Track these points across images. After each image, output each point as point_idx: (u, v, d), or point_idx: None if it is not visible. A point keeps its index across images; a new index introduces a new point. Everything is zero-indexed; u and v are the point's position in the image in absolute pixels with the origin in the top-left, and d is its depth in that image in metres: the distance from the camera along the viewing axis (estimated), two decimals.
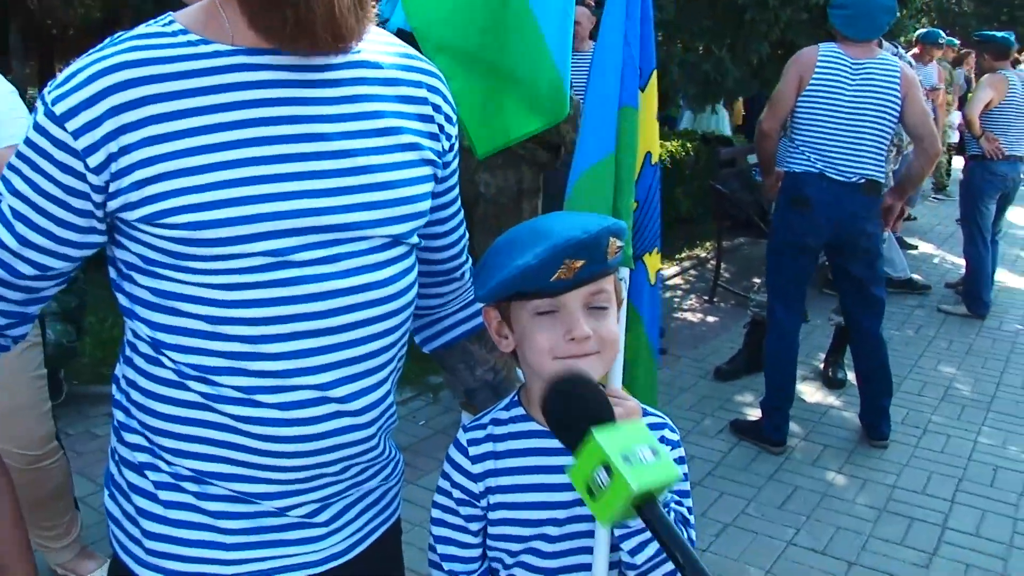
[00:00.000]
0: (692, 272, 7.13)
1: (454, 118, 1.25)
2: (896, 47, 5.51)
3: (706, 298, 6.33)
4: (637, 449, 0.96)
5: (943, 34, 7.41)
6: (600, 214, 1.28)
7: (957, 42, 10.16)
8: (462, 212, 1.38)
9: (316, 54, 1.05)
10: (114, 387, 1.19)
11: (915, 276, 6.83)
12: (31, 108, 2.40)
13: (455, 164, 1.28)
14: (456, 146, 1.27)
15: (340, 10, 1.00)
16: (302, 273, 1.06)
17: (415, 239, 1.19)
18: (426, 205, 1.18)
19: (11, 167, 1.05)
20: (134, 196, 1.01)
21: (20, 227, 1.05)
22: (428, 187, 1.19)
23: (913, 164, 3.97)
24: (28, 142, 1.03)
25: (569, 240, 1.13)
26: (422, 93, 1.19)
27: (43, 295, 1.14)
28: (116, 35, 1.07)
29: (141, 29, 1.06)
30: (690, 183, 8.09)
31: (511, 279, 1.16)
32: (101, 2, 12.01)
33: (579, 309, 1.18)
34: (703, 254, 7.62)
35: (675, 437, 1.33)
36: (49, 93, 1.02)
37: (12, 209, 1.05)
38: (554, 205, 3.85)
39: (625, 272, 1.73)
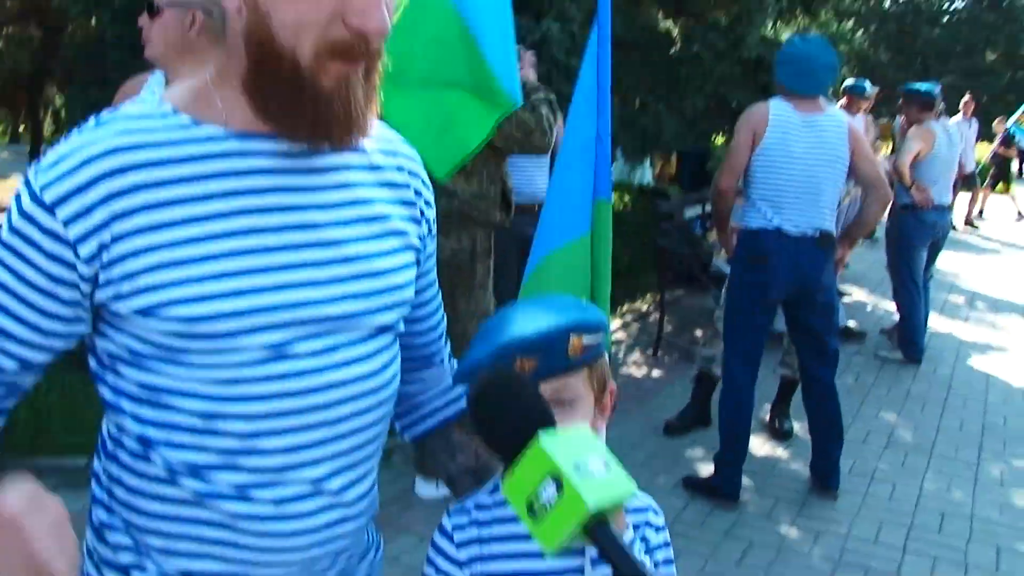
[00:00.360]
0: (634, 326, 7.17)
1: (432, 200, 1.25)
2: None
3: (650, 352, 6.36)
4: (589, 459, 0.84)
5: (869, 85, 7.65)
6: (571, 302, 1.25)
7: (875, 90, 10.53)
8: (440, 295, 1.37)
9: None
10: (93, 483, 1.14)
11: (851, 324, 6.97)
12: None
13: (432, 246, 1.27)
14: (434, 229, 1.26)
15: (357, 109, 1.00)
16: (300, 366, 1.04)
17: (401, 326, 1.18)
18: (412, 292, 1.18)
19: None
20: (125, 287, 0.98)
21: (2, 319, 1.00)
22: (413, 273, 1.19)
23: (866, 211, 4.04)
24: (12, 229, 0.97)
25: (517, 339, 1.11)
26: (404, 178, 1.19)
27: (22, 388, 1.08)
28: (102, 114, 1.04)
29: (131, 108, 1.04)
30: (628, 236, 8.18)
31: (467, 373, 1.15)
32: (29, 56, 11.82)
33: None
34: (644, 307, 7.68)
35: (660, 521, 1.28)
36: (36, 178, 0.97)
37: None
38: (505, 263, 3.85)
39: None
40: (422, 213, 1.21)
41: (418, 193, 1.21)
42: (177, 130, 1.01)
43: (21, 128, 24.85)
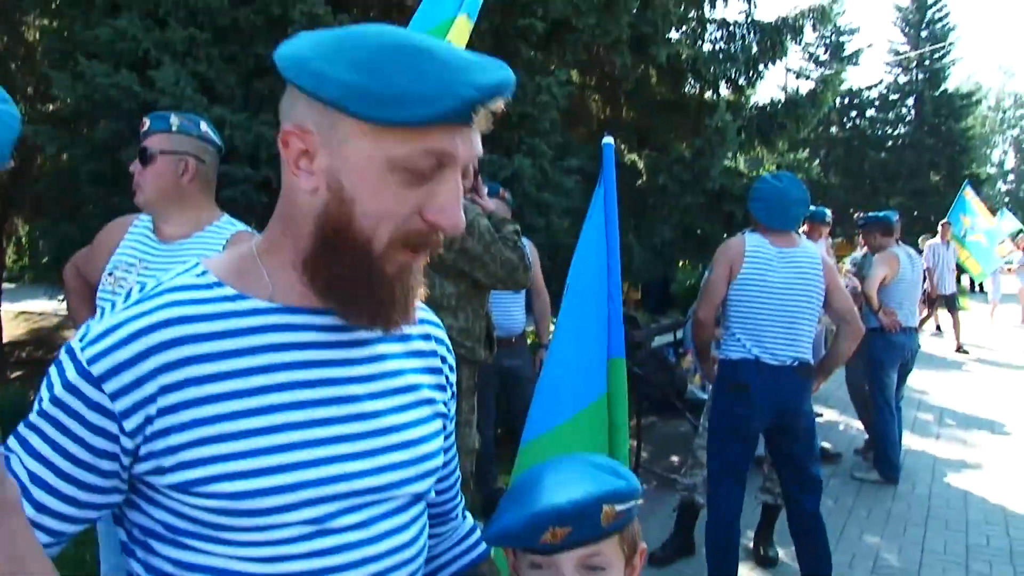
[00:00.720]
0: None
1: (455, 366, 1.27)
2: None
3: None
4: None
5: (828, 212, 7.91)
6: (603, 466, 1.25)
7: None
8: (456, 453, 1.37)
9: None
10: None
11: (825, 444, 6.99)
12: None
13: (453, 411, 1.29)
14: (455, 391, 1.28)
15: (411, 295, 1.03)
16: (340, 541, 1.03)
17: (432, 493, 1.19)
18: (441, 460, 1.19)
19: (30, 425, 0.99)
20: (167, 461, 0.97)
21: (39, 493, 0.97)
22: (441, 441, 1.20)
23: (840, 344, 4.10)
24: (56, 401, 0.97)
25: (551, 509, 1.14)
26: (430, 346, 1.22)
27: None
28: (147, 287, 1.05)
29: (175, 280, 1.05)
30: None
31: (499, 536, 1.18)
32: (6, 193, 11.81)
33: (572, 571, 1.18)
34: None
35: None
36: (84, 350, 0.97)
37: (31, 473, 0.97)
38: (483, 396, 3.84)
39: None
40: (447, 379, 1.24)
41: (443, 360, 1.24)
42: (222, 303, 1.03)
43: None
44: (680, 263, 9.60)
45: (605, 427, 1.94)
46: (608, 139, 2.52)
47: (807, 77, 27.95)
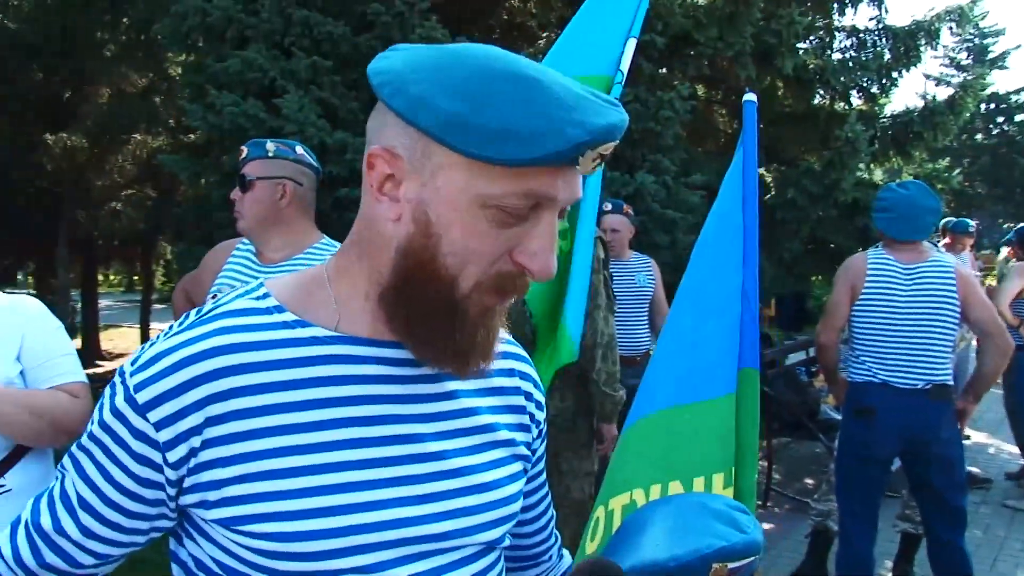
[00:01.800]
0: None
1: (543, 402, 1.19)
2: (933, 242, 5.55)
3: (759, 503, 6.11)
4: None
5: (971, 223, 7.50)
6: (720, 514, 1.11)
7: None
8: (550, 494, 1.30)
9: None
10: None
11: (973, 469, 6.59)
12: (75, 313, 2.44)
13: (542, 449, 1.21)
14: (544, 430, 1.20)
15: (493, 339, 0.97)
16: None
17: (507, 541, 1.10)
18: (519, 505, 1.10)
19: (82, 447, 0.97)
20: (212, 495, 0.92)
21: (85, 517, 0.96)
22: (520, 484, 1.11)
23: (985, 362, 3.81)
24: (104, 426, 0.94)
25: (652, 566, 1.03)
26: (514, 382, 1.13)
27: None
28: (204, 310, 1.01)
29: (233, 303, 0.99)
30: None
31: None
32: (144, 215, 12.57)
33: None
34: None
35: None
36: (132, 376, 0.93)
37: (79, 496, 0.96)
38: None
39: None
40: (532, 418, 1.15)
41: (528, 396, 1.15)
42: (279, 330, 0.97)
43: (136, 279, 26.41)
44: (814, 278, 9.26)
45: (731, 433, 1.79)
46: (750, 96, 2.13)
47: (948, 83, 26.68)
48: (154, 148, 10.41)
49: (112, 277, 33.22)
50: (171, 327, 0.99)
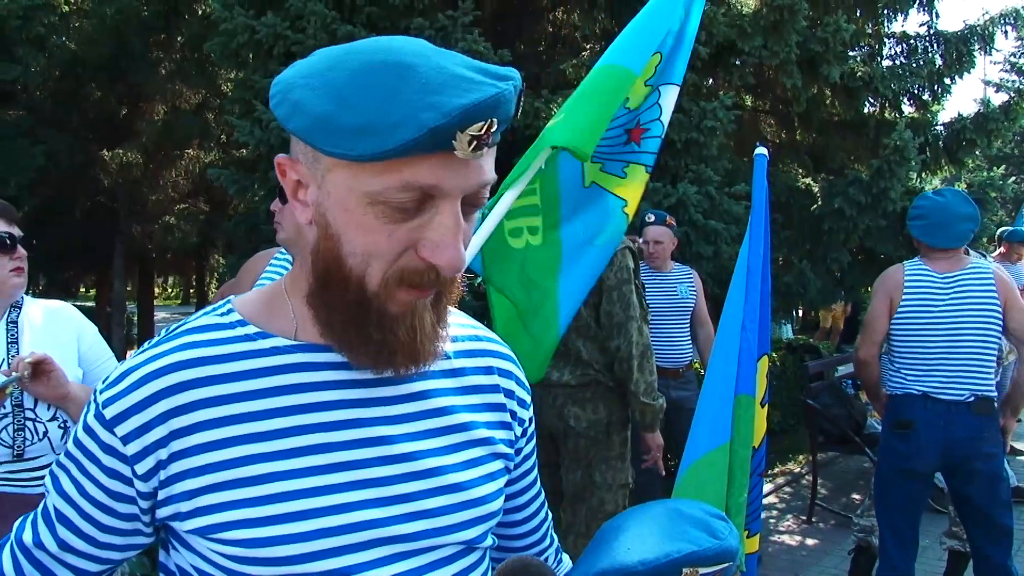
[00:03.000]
0: (786, 489, 6.83)
1: (528, 400, 1.18)
2: (980, 252, 5.42)
3: (803, 518, 6.02)
4: None
5: None
6: (697, 520, 1.10)
7: None
8: (542, 494, 1.29)
9: None
10: None
11: (1022, 486, 6.41)
12: (131, 325, 2.54)
13: (529, 448, 1.21)
14: (530, 429, 1.20)
15: (423, 336, 0.96)
16: None
17: (489, 540, 1.09)
18: (499, 504, 1.09)
19: (60, 464, 1.00)
20: (185, 506, 0.95)
21: (62, 530, 0.99)
22: (501, 483, 1.10)
23: (1021, 373, 3.76)
24: (77, 442, 0.98)
25: (621, 570, 1.01)
26: (492, 380, 1.13)
27: None
28: (172, 327, 1.03)
29: (200, 319, 1.02)
30: (778, 394, 7.92)
31: None
32: (197, 229, 12.84)
33: None
34: (796, 468, 7.34)
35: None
36: (101, 393, 0.96)
37: (56, 510, 1.00)
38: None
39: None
40: (513, 415, 1.14)
41: (510, 394, 1.14)
42: (241, 342, 0.99)
43: (191, 291, 27.07)
44: (863, 290, 9.11)
45: (722, 483, 1.81)
46: (761, 149, 2.34)
47: (1007, 89, 26.04)
48: (207, 163, 10.62)
49: (169, 289, 33.94)
50: (143, 346, 1.02)
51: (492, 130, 0.86)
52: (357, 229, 0.90)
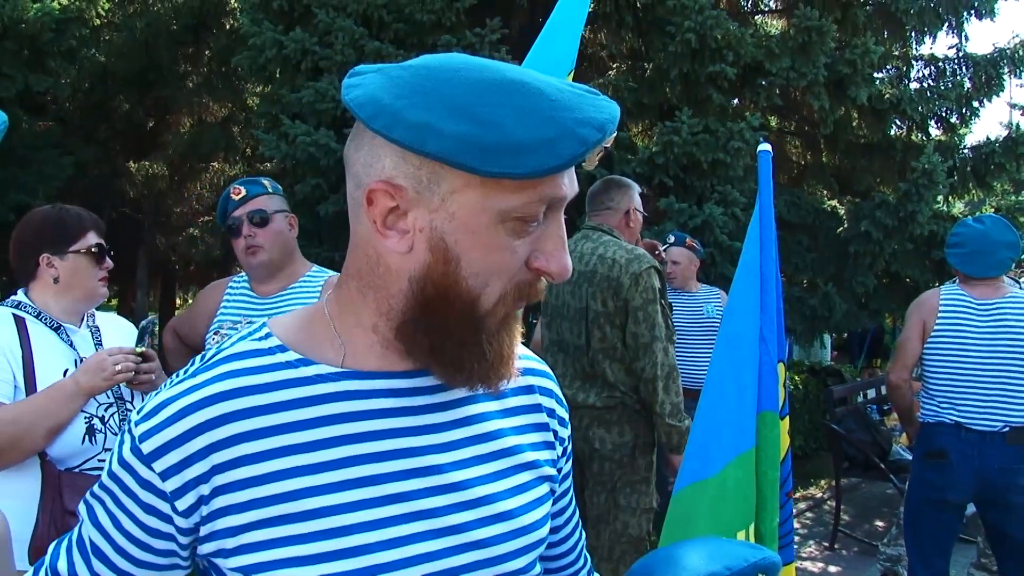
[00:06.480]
0: (808, 515, 6.74)
1: (567, 418, 1.15)
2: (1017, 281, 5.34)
3: (826, 544, 5.93)
4: None
5: None
6: (742, 539, 1.15)
7: None
8: (577, 513, 1.26)
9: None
10: None
11: None
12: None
13: (568, 468, 1.18)
14: (569, 448, 1.16)
15: (512, 347, 0.95)
16: None
17: (537, 568, 1.06)
18: (547, 530, 1.06)
19: (95, 495, 0.96)
20: (229, 543, 0.91)
21: (97, 564, 0.96)
22: (547, 507, 1.07)
23: None
24: (112, 476, 0.93)
25: None
26: (534, 400, 1.10)
27: None
28: (208, 355, 0.99)
29: (236, 346, 0.98)
30: (800, 418, 7.85)
31: None
32: (221, 241, 12.91)
33: None
34: (819, 494, 7.25)
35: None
36: (137, 426, 0.92)
37: (92, 543, 0.96)
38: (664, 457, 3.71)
39: None
40: (556, 435, 1.11)
41: (551, 413, 1.11)
42: (283, 369, 0.95)
43: None
44: (888, 315, 9.03)
45: (752, 483, 1.76)
46: (765, 146, 2.19)
47: None
48: (231, 176, 10.69)
49: (190, 300, 34.06)
50: (176, 374, 0.99)
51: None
52: (483, 249, 0.89)
